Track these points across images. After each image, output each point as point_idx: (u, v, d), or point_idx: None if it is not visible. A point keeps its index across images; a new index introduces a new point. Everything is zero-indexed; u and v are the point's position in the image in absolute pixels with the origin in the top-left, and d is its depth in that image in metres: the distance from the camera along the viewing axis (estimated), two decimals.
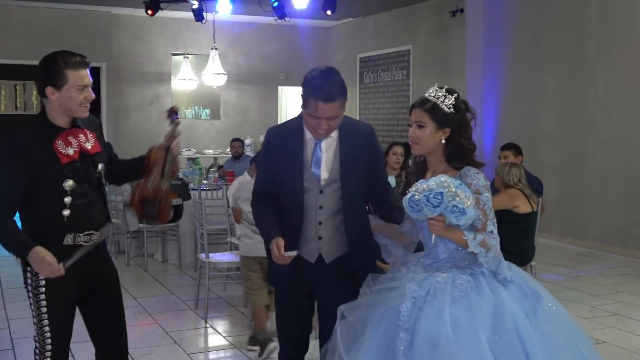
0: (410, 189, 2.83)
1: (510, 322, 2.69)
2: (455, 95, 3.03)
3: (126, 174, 3.57)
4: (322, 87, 3.05)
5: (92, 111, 3.27)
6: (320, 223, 3.26)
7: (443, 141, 3.00)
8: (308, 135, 3.24)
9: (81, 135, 3.17)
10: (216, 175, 8.92)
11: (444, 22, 11.56)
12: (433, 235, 2.89)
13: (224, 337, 5.57)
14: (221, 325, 5.89)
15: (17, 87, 14.41)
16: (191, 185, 8.09)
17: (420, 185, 2.79)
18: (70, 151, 3.11)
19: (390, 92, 13.25)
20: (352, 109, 13.67)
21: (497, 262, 2.86)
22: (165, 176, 3.33)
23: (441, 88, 3.02)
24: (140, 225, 7.84)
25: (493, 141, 10.62)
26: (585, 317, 6.00)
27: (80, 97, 3.07)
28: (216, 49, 12.54)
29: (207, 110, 14.47)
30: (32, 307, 3.22)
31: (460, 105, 3.04)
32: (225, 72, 12.78)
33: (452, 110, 2.99)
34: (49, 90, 3.04)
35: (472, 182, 2.92)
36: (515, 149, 7.05)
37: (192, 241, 7.82)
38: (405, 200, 2.84)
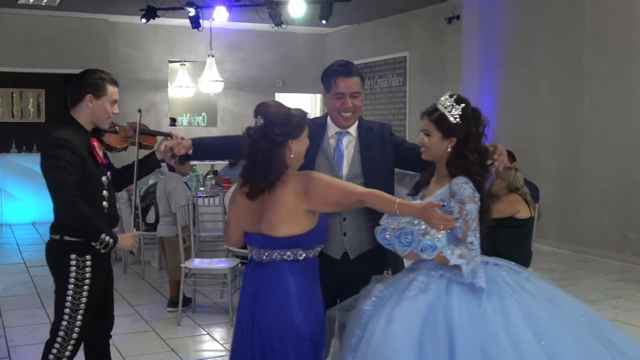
0: (381, 222, 2.85)
1: (443, 323, 2.70)
2: (463, 105, 3.07)
3: (120, 180, 3.84)
4: (340, 64, 3.42)
5: None
6: (344, 219, 3.33)
7: (449, 149, 3.03)
8: (331, 132, 3.45)
9: (96, 144, 3.55)
10: (213, 182, 8.91)
11: (440, 28, 11.59)
12: None
13: (221, 344, 5.57)
14: (218, 332, 5.89)
15: (14, 95, 14.40)
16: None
17: (391, 221, 2.80)
18: (101, 153, 3.55)
19: (387, 98, 13.28)
20: None
21: (473, 274, 2.84)
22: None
23: (451, 97, 3.08)
24: (138, 232, 7.82)
25: None
26: None
27: (110, 110, 3.55)
28: (213, 56, 12.57)
29: (204, 117, 14.49)
30: (69, 298, 3.51)
31: (469, 115, 3.07)
32: (222, 79, 12.79)
33: (458, 120, 3.03)
34: (88, 97, 3.47)
35: (456, 192, 2.93)
36: (511, 153, 7.09)
37: (189, 248, 7.80)
38: (376, 232, 2.87)
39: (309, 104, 15.39)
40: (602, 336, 2.85)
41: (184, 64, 14.06)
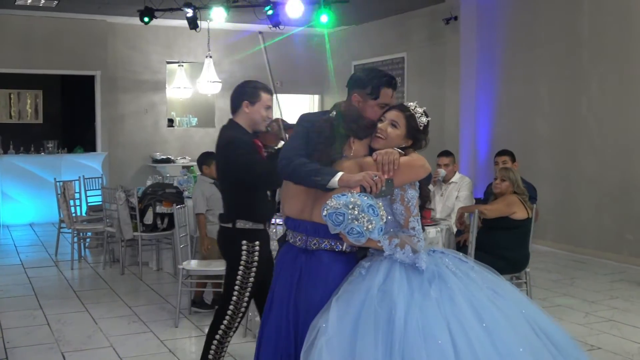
0: (328, 200, 2.92)
1: (385, 304, 2.82)
2: (429, 119, 3.23)
3: None
4: (386, 75, 3.28)
5: (87, 119, 3.55)
6: None
7: (402, 145, 3.15)
8: None
9: (259, 143, 4.16)
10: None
11: (438, 29, 11.59)
12: None
13: None
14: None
15: (12, 96, 14.42)
16: (186, 194, 8.08)
17: (333, 200, 2.88)
18: (264, 151, 4.12)
19: None
20: None
21: (414, 256, 2.98)
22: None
23: (421, 107, 3.22)
24: (135, 233, 7.83)
25: (487, 147, 10.65)
26: (580, 324, 6.01)
27: (264, 114, 4.15)
28: (211, 57, 12.57)
29: (202, 118, 14.48)
30: (239, 278, 4.03)
31: (427, 131, 3.22)
32: (219, 80, 12.79)
33: (421, 128, 3.18)
34: (245, 104, 4.13)
35: None
36: (512, 155, 7.13)
37: (187, 249, 7.80)
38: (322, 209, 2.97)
39: (308, 104, 15.38)
40: (539, 329, 2.95)
41: (182, 65, 14.06)
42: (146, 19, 10.75)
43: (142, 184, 9.73)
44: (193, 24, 10.78)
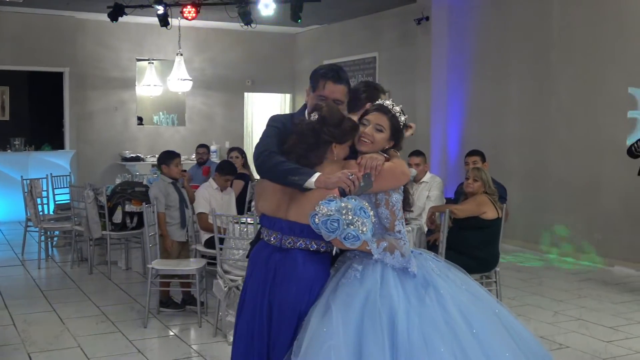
0: (316, 207, 2.89)
1: (385, 309, 2.80)
2: (406, 116, 3.22)
3: None
4: (332, 69, 3.32)
5: (55, 117, 3.37)
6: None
7: (386, 147, 3.16)
8: None
9: None
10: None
11: (410, 29, 11.63)
12: None
13: (189, 346, 5.51)
14: (185, 333, 5.82)
15: None
16: None
17: (322, 207, 2.87)
18: None
19: None
20: None
21: (404, 260, 2.98)
22: None
23: (398, 105, 3.20)
24: (104, 232, 7.74)
25: (457, 147, 10.72)
26: (548, 322, 6.07)
27: None
28: (181, 54, 12.48)
29: (172, 116, 14.37)
30: None
31: (404, 129, 3.22)
32: (190, 78, 12.71)
33: (402, 128, 3.19)
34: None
35: None
36: (482, 155, 7.17)
37: (156, 249, 7.73)
38: (309, 216, 2.93)
39: (279, 103, 15.34)
40: (511, 328, 2.99)
41: (152, 63, 13.93)
42: (113, 19, 10.66)
43: (111, 182, 9.63)
44: (164, 21, 10.69)
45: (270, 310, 3.05)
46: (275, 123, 3.32)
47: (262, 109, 15.08)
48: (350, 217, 2.84)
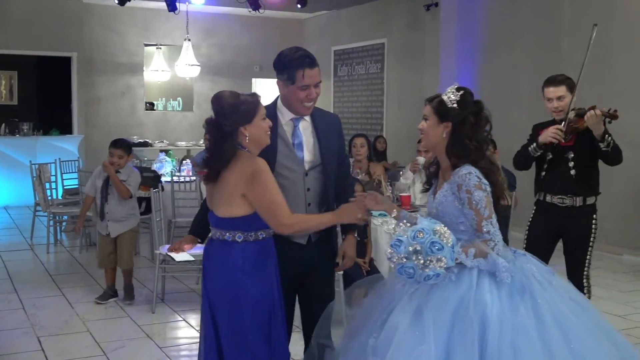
0: (387, 251, 2.79)
1: (477, 316, 2.67)
2: (462, 92, 3.05)
3: None
4: (305, 55, 3.32)
5: (63, 101, 3.36)
6: (309, 204, 3.40)
7: (444, 135, 3.02)
8: (285, 118, 3.42)
9: None
10: (189, 167, 8.82)
11: (419, 15, 11.57)
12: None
13: (197, 330, 5.52)
14: (194, 318, 5.83)
15: None
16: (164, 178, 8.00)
17: (393, 253, 2.75)
18: None
19: (365, 85, 13.25)
20: (327, 101, 13.65)
21: (493, 266, 2.80)
22: None
23: (455, 87, 3.08)
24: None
25: None
26: None
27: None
28: (189, 40, 12.44)
29: (180, 102, 14.36)
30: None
31: (467, 102, 3.03)
32: (198, 64, 12.68)
33: (454, 105, 3.01)
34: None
35: (461, 183, 2.91)
36: (493, 142, 7.12)
37: (165, 234, 7.74)
38: (386, 253, 2.89)
39: None
40: (611, 338, 2.84)
41: (160, 48, 13.91)
42: (121, 4, 10.62)
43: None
44: (172, 5, 10.66)
45: (208, 296, 3.17)
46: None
47: (270, 94, 15.05)
48: (422, 262, 2.70)
